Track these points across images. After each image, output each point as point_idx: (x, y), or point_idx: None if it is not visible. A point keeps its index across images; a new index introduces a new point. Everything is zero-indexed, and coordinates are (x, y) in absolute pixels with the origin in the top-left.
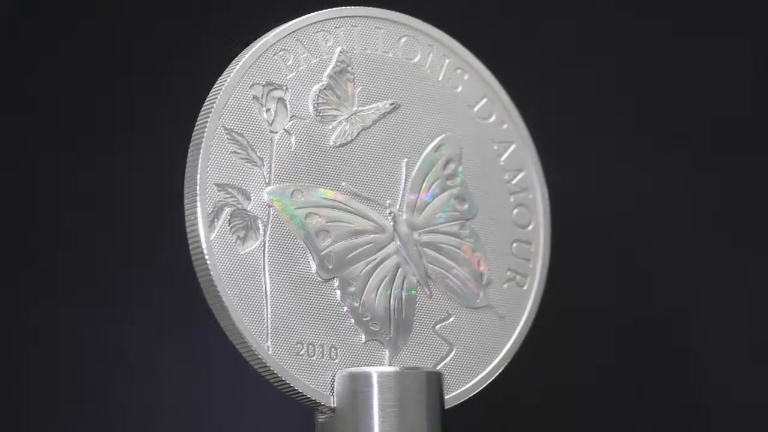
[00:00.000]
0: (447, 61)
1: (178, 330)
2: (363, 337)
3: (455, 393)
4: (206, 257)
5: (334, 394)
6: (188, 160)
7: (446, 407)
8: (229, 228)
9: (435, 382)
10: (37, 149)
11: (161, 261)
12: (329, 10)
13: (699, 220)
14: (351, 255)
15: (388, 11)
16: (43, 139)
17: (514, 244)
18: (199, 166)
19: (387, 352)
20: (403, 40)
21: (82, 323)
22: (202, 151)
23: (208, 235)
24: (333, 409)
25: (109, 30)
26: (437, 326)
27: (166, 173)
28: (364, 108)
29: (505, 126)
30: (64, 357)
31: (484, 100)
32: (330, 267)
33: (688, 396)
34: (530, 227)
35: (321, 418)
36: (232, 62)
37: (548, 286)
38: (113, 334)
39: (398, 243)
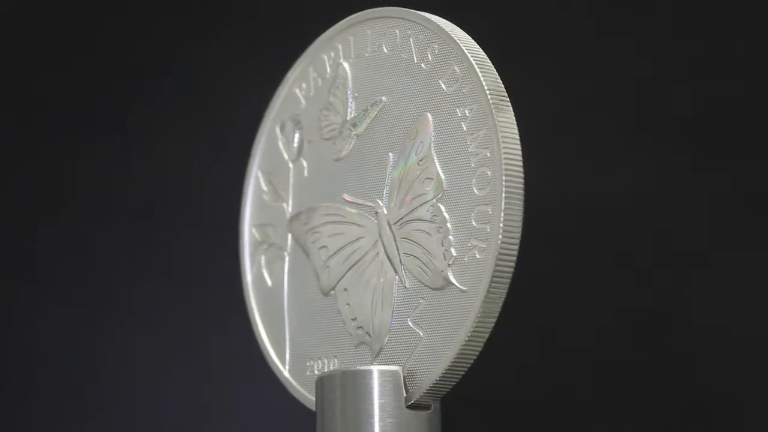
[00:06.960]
0: (422, 38)
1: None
2: (354, 343)
3: (427, 380)
4: (245, 298)
5: None
6: None
7: (421, 395)
8: (264, 264)
9: (352, 381)
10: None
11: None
12: (333, 27)
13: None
14: (344, 264)
15: (383, 8)
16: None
17: (476, 212)
18: (241, 210)
19: (370, 354)
20: (388, 33)
21: (82, 323)
22: (242, 196)
23: (246, 276)
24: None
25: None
26: (412, 316)
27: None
28: (355, 116)
29: (467, 87)
30: (64, 357)
31: (455, 68)
32: (328, 281)
33: (688, 396)
34: (488, 189)
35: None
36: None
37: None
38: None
39: (380, 242)
